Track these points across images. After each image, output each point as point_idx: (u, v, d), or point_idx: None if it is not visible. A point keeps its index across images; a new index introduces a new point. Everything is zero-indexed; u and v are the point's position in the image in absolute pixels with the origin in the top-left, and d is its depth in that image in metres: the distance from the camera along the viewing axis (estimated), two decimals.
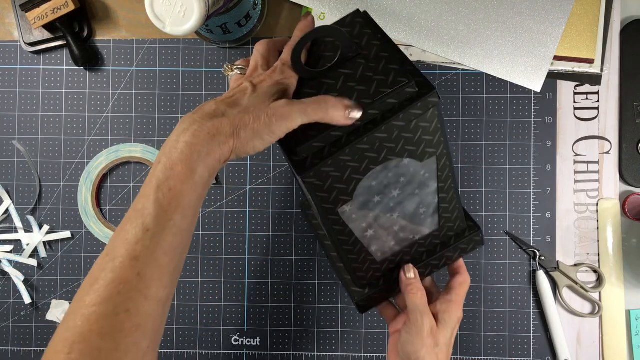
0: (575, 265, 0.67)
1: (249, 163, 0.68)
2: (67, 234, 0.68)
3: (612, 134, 0.67)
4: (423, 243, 0.53)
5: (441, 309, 0.52)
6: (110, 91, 0.69)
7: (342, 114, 0.41)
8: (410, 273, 0.53)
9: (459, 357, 0.67)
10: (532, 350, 0.66)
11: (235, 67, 0.48)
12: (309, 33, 0.45)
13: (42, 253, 0.68)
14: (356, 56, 0.46)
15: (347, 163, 0.44)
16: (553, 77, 0.67)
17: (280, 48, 0.49)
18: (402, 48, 0.67)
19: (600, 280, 0.66)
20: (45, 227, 0.68)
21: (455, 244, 0.54)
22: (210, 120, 0.40)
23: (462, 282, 0.54)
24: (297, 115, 0.41)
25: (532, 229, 0.67)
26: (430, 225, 0.51)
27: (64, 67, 0.69)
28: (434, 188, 0.48)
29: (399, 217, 0.49)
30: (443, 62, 0.67)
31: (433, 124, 0.44)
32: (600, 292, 0.66)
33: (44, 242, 0.68)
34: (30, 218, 0.68)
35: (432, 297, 0.55)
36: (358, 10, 0.49)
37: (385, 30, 0.66)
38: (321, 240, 0.60)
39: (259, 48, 0.48)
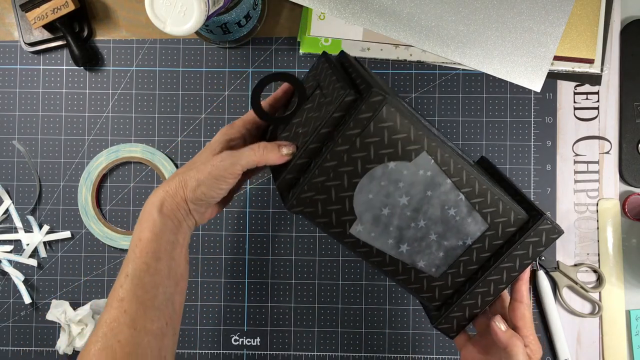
0: (575, 265, 0.67)
1: None
2: (67, 234, 0.68)
3: (612, 134, 0.67)
4: (482, 247, 0.49)
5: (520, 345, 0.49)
6: (110, 91, 0.69)
7: (277, 154, 0.48)
8: (503, 326, 0.49)
9: (459, 357, 0.67)
10: None
11: None
12: (262, 79, 0.49)
13: (42, 253, 0.68)
14: (314, 90, 0.50)
15: (325, 183, 0.45)
16: (553, 77, 0.67)
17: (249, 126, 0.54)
18: (402, 48, 0.67)
19: (600, 280, 0.66)
20: (45, 227, 0.68)
21: (521, 240, 0.47)
22: (167, 182, 0.49)
23: (522, 316, 0.50)
24: (234, 160, 0.48)
25: None
26: (477, 226, 0.48)
27: (64, 67, 0.69)
28: (449, 185, 0.46)
29: (429, 225, 0.47)
30: (443, 62, 0.67)
31: (397, 121, 0.44)
32: (600, 292, 0.66)
33: (44, 242, 0.68)
34: (30, 218, 0.68)
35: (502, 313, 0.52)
36: (324, 52, 0.55)
37: (385, 31, 0.66)
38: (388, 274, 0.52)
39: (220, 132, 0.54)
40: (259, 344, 0.67)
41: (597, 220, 0.67)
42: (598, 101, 0.67)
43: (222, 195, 0.50)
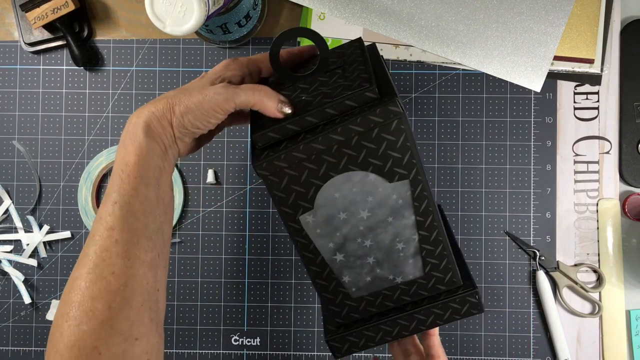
0: (575, 265, 0.67)
1: (249, 163, 0.68)
2: (67, 234, 0.68)
3: (612, 134, 0.67)
4: (407, 290, 0.49)
5: None
6: (110, 91, 0.69)
7: (275, 105, 0.45)
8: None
9: (458, 357, 0.67)
10: (532, 350, 0.66)
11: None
12: (289, 30, 0.46)
13: (42, 253, 0.68)
14: (337, 68, 0.47)
15: (303, 162, 0.43)
16: (553, 77, 0.67)
17: (255, 66, 0.51)
18: (402, 48, 0.67)
19: (600, 280, 0.66)
20: (45, 227, 0.68)
21: (445, 300, 0.48)
22: (152, 102, 0.45)
23: (441, 349, 0.52)
24: (229, 96, 0.45)
25: (532, 229, 0.67)
26: (414, 270, 0.47)
27: (64, 67, 0.69)
28: (411, 221, 0.46)
29: (373, 248, 0.47)
30: (443, 62, 0.67)
31: (400, 140, 0.43)
32: (600, 292, 0.66)
33: (44, 242, 0.68)
34: (30, 218, 0.68)
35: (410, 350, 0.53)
36: (360, 38, 0.51)
37: (385, 31, 0.66)
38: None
39: (223, 63, 0.50)
40: (259, 344, 0.68)
41: (597, 220, 0.67)
42: (598, 101, 0.67)
43: (207, 129, 0.47)
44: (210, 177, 0.67)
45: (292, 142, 0.43)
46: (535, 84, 0.66)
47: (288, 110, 0.45)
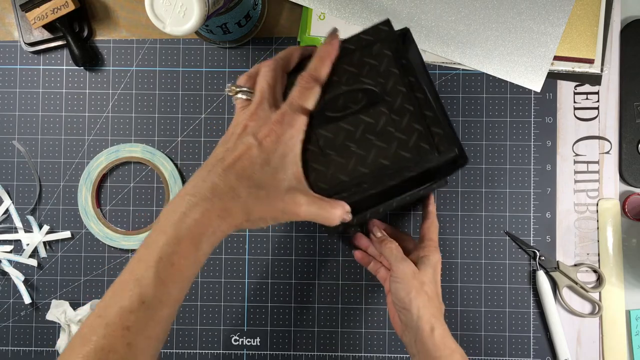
0: (575, 265, 0.67)
1: None
2: (67, 234, 0.68)
3: (612, 134, 0.67)
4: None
5: (418, 255, 0.58)
6: (110, 91, 0.69)
7: (338, 219, 0.44)
8: (379, 233, 0.61)
9: None
10: (532, 350, 0.66)
11: (239, 89, 0.46)
12: (337, 92, 0.44)
13: (42, 253, 0.68)
14: (374, 90, 0.44)
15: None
16: (553, 77, 0.67)
17: (287, 68, 0.47)
18: None
19: (600, 280, 0.66)
20: (45, 227, 0.68)
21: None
22: (221, 200, 0.40)
23: (430, 225, 0.60)
24: (306, 215, 0.43)
25: (532, 229, 0.67)
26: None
27: (64, 67, 0.69)
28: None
29: None
30: (443, 62, 0.67)
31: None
32: (600, 292, 0.66)
33: (44, 242, 0.68)
34: (30, 218, 0.68)
35: (410, 249, 0.60)
36: (388, 20, 0.46)
37: None
38: None
39: (265, 75, 0.45)
40: (259, 344, 0.68)
41: (597, 220, 0.67)
42: (598, 101, 0.67)
43: None
44: None
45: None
46: (535, 84, 0.66)
47: (348, 219, 0.45)
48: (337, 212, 0.44)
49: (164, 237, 0.39)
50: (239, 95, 0.45)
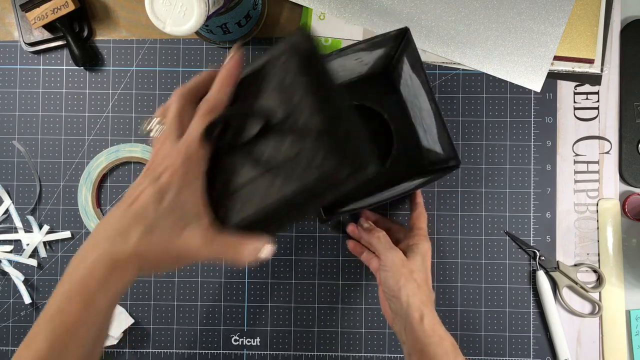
0: (575, 265, 0.67)
1: None
2: (67, 234, 0.68)
3: (612, 134, 0.67)
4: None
5: (408, 244, 0.59)
6: (110, 91, 0.69)
7: (249, 258, 0.40)
8: (366, 224, 0.63)
9: None
10: (532, 350, 0.66)
11: (153, 124, 0.43)
12: (222, 114, 0.40)
13: (42, 253, 0.68)
14: (286, 120, 0.39)
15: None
16: (553, 77, 0.67)
17: (197, 96, 0.43)
18: None
19: (600, 280, 0.66)
20: (45, 227, 0.68)
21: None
22: (113, 244, 0.38)
23: (418, 215, 0.62)
24: (207, 256, 0.39)
25: (532, 229, 0.67)
26: None
27: (64, 67, 0.69)
28: None
29: None
30: (443, 62, 0.67)
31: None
32: (600, 292, 0.66)
33: (44, 242, 0.68)
34: (30, 218, 0.68)
35: (401, 239, 0.61)
36: (300, 27, 0.43)
37: (385, 30, 0.66)
38: None
39: (172, 106, 0.42)
40: (259, 344, 0.67)
41: (597, 220, 0.67)
42: (598, 101, 0.67)
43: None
44: None
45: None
46: (535, 84, 0.66)
47: (264, 257, 0.41)
48: (246, 251, 0.39)
49: (60, 290, 0.38)
50: (156, 129, 0.43)
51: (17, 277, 0.68)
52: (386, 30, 0.65)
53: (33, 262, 0.68)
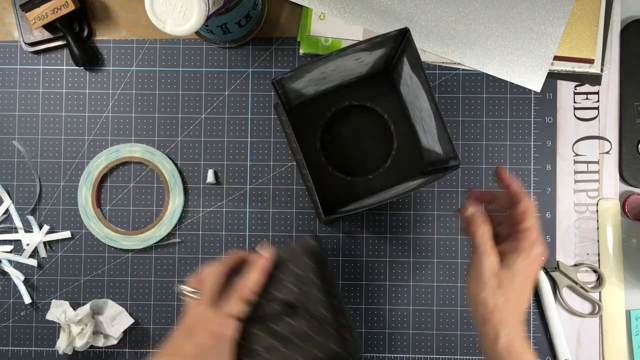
0: (575, 265, 0.67)
1: (249, 163, 0.68)
2: (67, 234, 0.68)
3: (612, 134, 0.67)
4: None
5: (508, 248, 0.50)
6: (110, 91, 0.69)
7: None
8: (470, 210, 0.52)
9: (458, 356, 0.67)
10: (532, 350, 0.66)
11: (188, 292, 0.54)
12: (255, 304, 0.54)
13: (42, 253, 0.68)
14: (301, 307, 0.54)
15: None
16: (553, 77, 0.67)
17: (228, 272, 0.55)
18: None
19: (600, 280, 0.66)
20: (45, 227, 0.68)
21: None
22: None
23: (525, 210, 0.50)
24: None
25: None
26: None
27: (64, 67, 0.69)
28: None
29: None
30: (443, 62, 0.67)
31: None
32: (600, 292, 0.66)
33: (44, 242, 0.68)
34: (30, 218, 0.68)
35: (504, 233, 0.52)
36: (316, 235, 0.62)
37: (385, 30, 0.66)
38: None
39: (210, 280, 0.53)
40: None
41: (597, 220, 0.67)
42: (598, 101, 0.67)
43: None
44: (210, 177, 0.67)
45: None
46: (535, 84, 0.66)
47: None
48: None
49: None
50: (189, 295, 0.53)
51: (17, 277, 0.68)
52: (386, 30, 0.65)
53: (33, 262, 0.68)
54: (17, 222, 0.68)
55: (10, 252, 0.68)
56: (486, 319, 0.48)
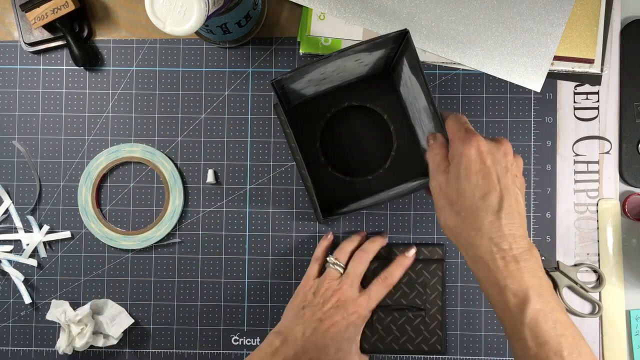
0: (575, 265, 0.67)
1: (248, 163, 0.68)
2: (67, 234, 0.68)
3: (612, 134, 0.67)
4: None
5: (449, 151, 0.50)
6: (110, 91, 0.69)
7: None
8: (431, 140, 0.54)
9: (459, 357, 0.67)
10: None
11: (336, 263, 0.62)
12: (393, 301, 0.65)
13: (42, 253, 0.68)
14: (421, 307, 0.65)
15: None
16: (553, 77, 0.67)
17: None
18: None
19: (600, 280, 0.66)
20: (45, 227, 0.68)
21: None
22: (317, 353, 0.57)
23: (448, 120, 0.52)
24: None
25: (532, 229, 0.67)
26: None
27: (64, 67, 0.69)
28: None
29: None
30: (443, 62, 0.67)
31: None
32: (600, 292, 0.66)
33: (44, 242, 0.68)
34: (30, 218, 0.68)
35: None
36: (443, 244, 0.67)
37: (385, 30, 0.66)
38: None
39: (361, 264, 0.62)
40: (259, 344, 0.67)
41: (597, 220, 0.67)
42: (598, 101, 0.67)
43: None
44: (210, 177, 0.67)
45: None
46: (535, 84, 0.66)
47: None
48: None
49: None
50: (335, 268, 0.62)
51: (17, 277, 0.68)
52: (386, 30, 0.65)
53: (33, 262, 0.68)
54: (17, 222, 0.68)
55: (10, 252, 0.68)
56: (461, 243, 0.48)
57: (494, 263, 0.45)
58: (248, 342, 0.68)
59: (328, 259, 0.63)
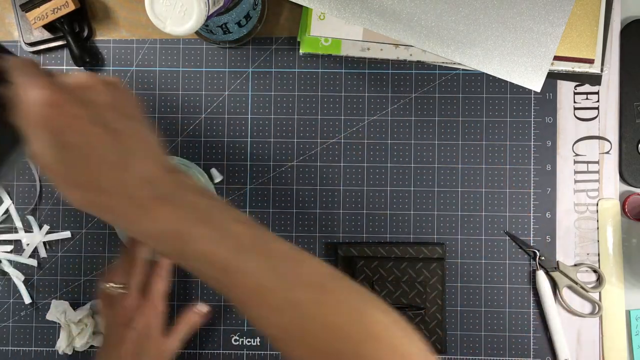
0: (575, 265, 0.67)
1: (249, 163, 0.68)
2: (67, 234, 0.68)
3: (612, 134, 0.67)
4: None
5: None
6: None
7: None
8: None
9: (459, 357, 0.67)
10: (532, 350, 0.66)
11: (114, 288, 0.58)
12: None
13: (42, 253, 0.68)
14: (420, 305, 0.65)
15: None
16: (553, 77, 0.67)
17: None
18: (402, 48, 0.67)
19: (600, 280, 0.66)
20: (45, 227, 0.68)
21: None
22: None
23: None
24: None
25: (532, 229, 0.67)
26: None
27: (64, 67, 0.69)
28: None
29: None
30: (443, 62, 0.67)
31: None
32: (600, 292, 0.66)
33: (44, 242, 0.68)
34: (30, 218, 0.68)
35: None
36: (443, 244, 0.66)
37: (385, 31, 0.66)
38: None
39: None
40: (258, 344, 0.67)
41: (597, 220, 0.67)
42: (598, 101, 0.67)
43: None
44: (217, 176, 0.67)
45: None
46: (535, 84, 0.66)
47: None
48: None
49: None
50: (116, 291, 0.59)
51: (17, 277, 0.68)
52: (386, 30, 0.65)
53: (33, 262, 0.68)
54: (17, 222, 0.68)
55: (10, 252, 0.68)
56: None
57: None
58: (248, 342, 0.68)
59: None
